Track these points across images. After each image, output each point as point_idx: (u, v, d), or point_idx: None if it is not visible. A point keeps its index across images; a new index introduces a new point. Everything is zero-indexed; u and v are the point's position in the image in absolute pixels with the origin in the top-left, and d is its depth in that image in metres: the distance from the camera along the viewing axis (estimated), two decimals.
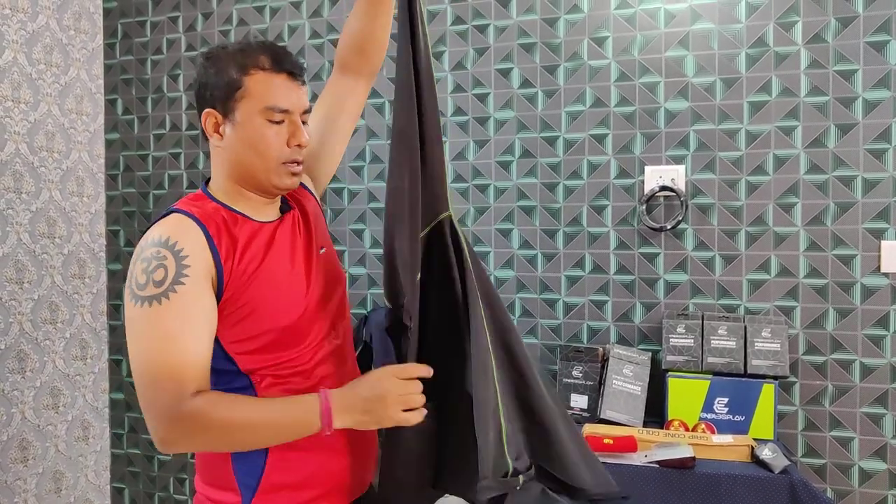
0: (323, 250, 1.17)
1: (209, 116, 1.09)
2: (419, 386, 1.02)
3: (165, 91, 2.59)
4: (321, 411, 0.97)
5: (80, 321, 2.58)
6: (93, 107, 2.63)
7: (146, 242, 1.02)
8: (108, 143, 2.68)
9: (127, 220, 2.66)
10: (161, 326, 0.97)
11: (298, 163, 1.10)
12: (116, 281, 2.68)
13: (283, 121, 1.07)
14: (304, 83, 1.11)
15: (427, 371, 1.04)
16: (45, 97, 2.44)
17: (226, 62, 1.07)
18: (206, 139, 1.12)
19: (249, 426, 0.98)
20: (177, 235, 1.00)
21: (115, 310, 2.68)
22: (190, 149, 2.57)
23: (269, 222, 1.13)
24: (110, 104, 2.67)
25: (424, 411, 1.02)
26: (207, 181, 1.15)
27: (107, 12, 2.65)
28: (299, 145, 1.08)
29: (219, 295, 1.02)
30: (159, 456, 2.63)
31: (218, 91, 1.07)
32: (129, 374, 2.67)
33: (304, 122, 1.11)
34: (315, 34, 2.41)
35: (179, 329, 0.97)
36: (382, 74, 2.31)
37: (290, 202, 1.20)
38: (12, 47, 2.32)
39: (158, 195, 2.62)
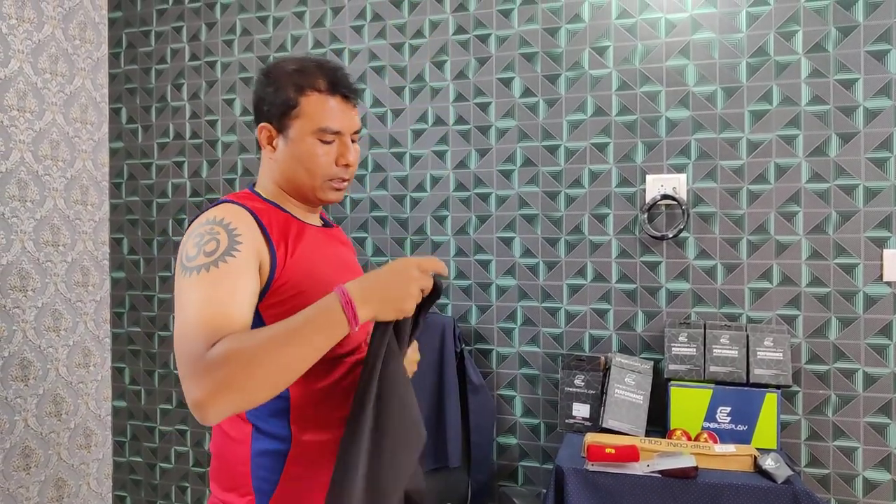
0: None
1: (264, 130, 1.15)
2: (430, 280, 1.01)
3: (169, 100, 2.61)
4: (342, 303, 0.93)
5: (83, 329, 2.59)
6: (97, 116, 2.65)
7: (199, 222, 1.05)
8: (113, 152, 2.69)
9: (130, 229, 2.67)
10: (204, 292, 0.96)
11: (343, 179, 1.16)
12: (119, 289, 2.69)
13: (333, 141, 1.13)
14: (356, 105, 1.17)
15: (442, 267, 1.02)
16: (50, 106, 2.46)
17: (284, 81, 1.13)
18: (260, 149, 1.19)
19: (275, 344, 0.90)
20: (230, 217, 1.05)
21: (118, 318, 2.69)
22: (193, 157, 2.58)
23: (314, 225, 1.20)
24: (115, 113, 2.69)
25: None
26: (253, 185, 1.21)
27: (112, 22, 2.68)
28: (347, 165, 1.14)
29: (270, 278, 1.04)
30: (161, 464, 2.63)
31: (274, 108, 1.13)
32: (132, 382, 2.67)
33: (353, 142, 1.16)
34: (318, 44, 2.42)
35: (222, 294, 0.96)
36: (385, 83, 2.33)
37: (329, 221, 1.30)
38: (18, 57, 2.34)
39: (162, 203, 2.63)
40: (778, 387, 1.88)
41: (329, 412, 1.09)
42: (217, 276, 0.97)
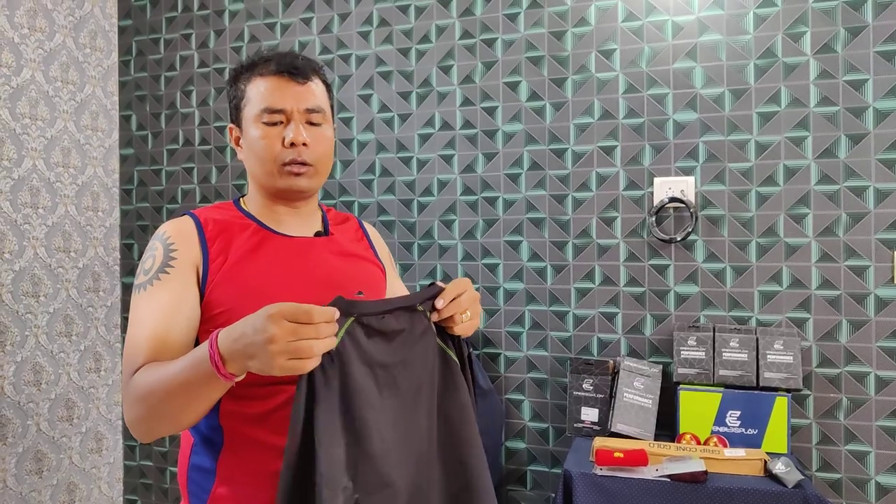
0: (360, 294, 1.09)
1: (231, 132, 1.14)
2: (317, 330, 0.81)
3: (178, 107, 2.63)
4: (210, 356, 0.84)
5: (95, 334, 2.61)
6: (108, 123, 2.68)
7: (152, 238, 1.08)
8: (123, 159, 2.72)
9: (141, 234, 2.69)
10: (141, 310, 0.99)
11: (300, 163, 1.06)
12: (130, 294, 2.71)
13: (280, 122, 1.06)
14: (306, 82, 1.08)
15: (330, 314, 0.83)
16: (61, 114, 2.48)
17: (236, 76, 1.12)
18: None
19: (162, 387, 0.89)
20: (171, 230, 1.05)
21: None
22: (202, 163, 2.60)
23: (288, 236, 1.11)
24: (125, 120, 2.71)
25: (319, 360, 0.84)
26: (244, 196, 1.18)
27: (122, 30, 2.71)
28: (293, 144, 1.05)
29: (202, 292, 1.02)
30: (171, 468, 2.65)
31: (232, 105, 1.12)
32: None
33: (312, 123, 1.08)
34: (325, 50, 2.44)
35: (150, 312, 0.98)
36: (392, 88, 2.34)
37: (330, 229, 1.19)
38: (30, 66, 2.37)
39: (171, 209, 2.65)
40: (788, 390, 1.87)
41: (265, 437, 1.00)
42: (151, 293, 1.00)
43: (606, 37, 2.14)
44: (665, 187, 2.08)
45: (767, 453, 1.75)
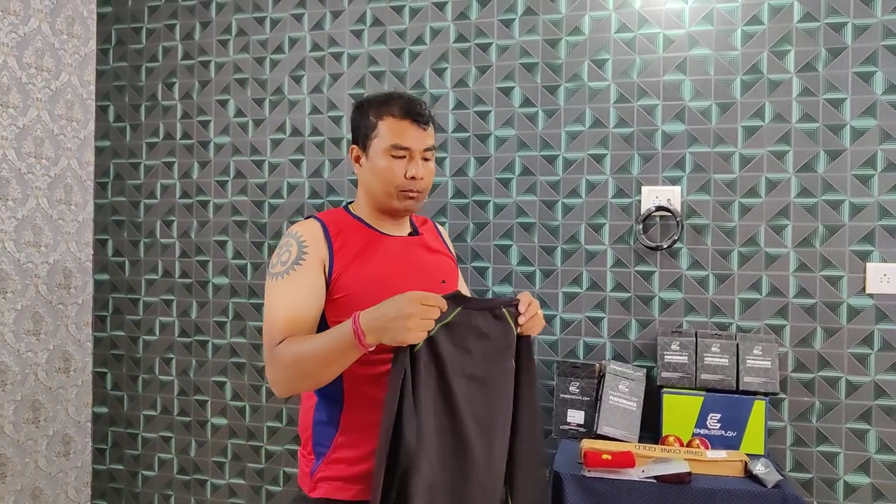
0: (444, 282, 1.45)
1: (354, 150, 1.41)
2: (436, 312, 1.16)
3: (160, 99, 2.56)
4: (353, 330, 1.15)
5: (65, 332, 2.52)
6: (83, 113, 2.58)
7: (284, 235, 1.35)
8: (99, 151, 2.63)
9: (116, 230, 2.61)
10: (278, 294, 1.28)
11: (413, 190, 1.35)
12: (103, 292, 2.62)
13: (404, 156, 1.35)
14: (427, 127, 1.37)
15: (444, 303, 1.17)
16: (34, 102, 2.38)
17: (368, 110, 1.38)
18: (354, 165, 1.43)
19: (309, 354, 1.19)
20: (303, 231, 1.33)
21: (101, 321, 2.62)
22: (184, 158, 2.54)
23: (391, 236, 1.41)
24: (101, 111, 2.62)
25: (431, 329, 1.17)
26: (351, 202, 1.46)
27: (101, 17, 2.61)
28: (413, 177, 1.34)
29: (328, 280, 1.30)
30: (144, 472, 2.57)
31: (360, 132, 1.39)
32: (114, 388, 2.61)
33: (426, 159, 1.37)
34: (316, 46, 2.41)
35: (288, 296, 1.27)
36: (384, 88, 2.33)
37: (419, 230, 1.50)
38: (2, 50, 2.27)
39: (150, 204, 2.57)
40: (766, 394, 1.95)
41: (377, 394, 1.25)
42: (287, 281, 1.28)
43: (599, 46, 2.19)
44: (652, 196, 2.14)
45: (747, 454, 1.83)
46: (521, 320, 1.27)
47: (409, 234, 1.47)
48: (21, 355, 2.35)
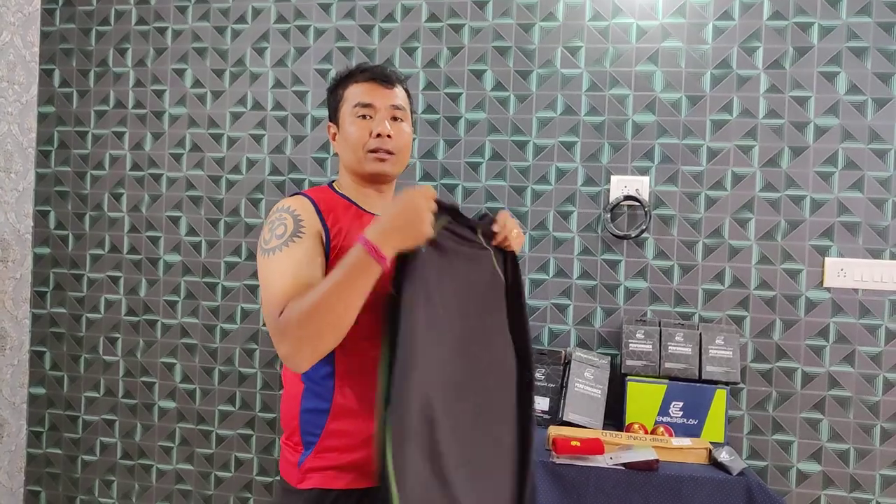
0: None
1: (330, 128, 1.38)
2: (434, 205, 1.15)
3: (111, 65, 2.41)
4: (366, 249, 1.08)
5: (0, 308, 2.35)
6: (26, 76, 2.41)
7: (271, 213, 1.27)
8: (42, 117, 2.46)
9: (59, 201, 2.45)
10: (279, 266, 1.18)
11: (384, 150, 1.29)
12: (43, 266, 2.46)
13: (368, 115, 1.30)
14: (393, 87, 1.33)
15: (434, 193, 1.17)
16: None
17: (337, 85, 1.36)
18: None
19: (324, 300, 1.09)
20: (295, 205, 1.26)
21: (40, 297, 2.46)
22: (136, 128, 2.40)
23: (374, 214, 1.32)
24: (46, 74, 2.45)
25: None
26: (335, 181, 1.40)
27: None
28: (379, 135, 1.28)
29: (325, 254, 1.22)
30: (84, 456, 2.43)
31: (331, 108, 1.37)
32: (53, 368, 2.45)
33: (395, 118, 1.31)
34: (281, 18, 2.31)
35: (291, 265, 1.17)
36: (352, 65, 2.25)
37: None
38: None
39: (97, 175, 2.43)
40: (727, 383, 1.98)
41: (367, 379, 1.20)
42: (286, 253, 1.19)
43: (573, 34, 2.17)
44: (621, 185, 2.14)
45: (710, 442, 1.85)
46: (497, 238, 1.28)
47: None
48: None
